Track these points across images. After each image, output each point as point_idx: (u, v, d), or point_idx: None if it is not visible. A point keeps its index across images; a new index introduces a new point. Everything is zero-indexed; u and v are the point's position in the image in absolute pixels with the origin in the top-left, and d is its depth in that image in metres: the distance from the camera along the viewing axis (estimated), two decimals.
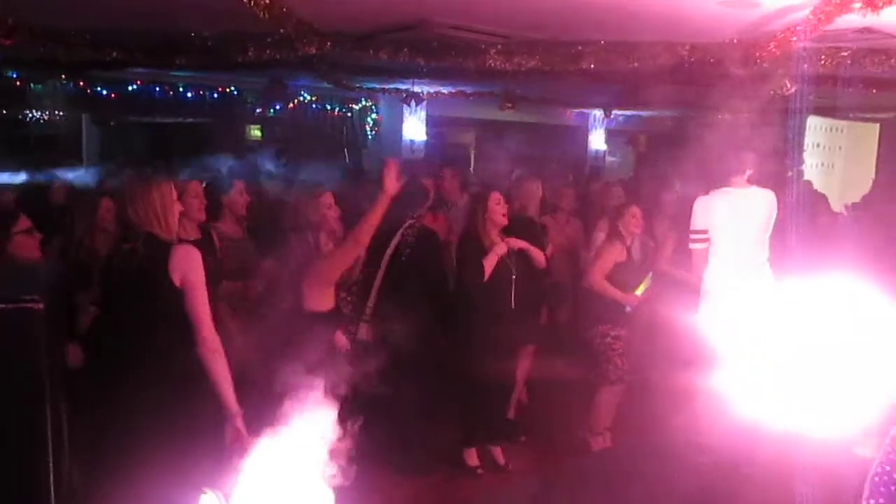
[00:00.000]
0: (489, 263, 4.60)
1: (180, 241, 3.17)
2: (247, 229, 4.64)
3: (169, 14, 5.00)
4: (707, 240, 4.82)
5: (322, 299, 3.68)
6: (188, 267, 2.97)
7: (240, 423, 2.91)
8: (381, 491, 4.18)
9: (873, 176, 8.43)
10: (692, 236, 4.88)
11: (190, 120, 10.44)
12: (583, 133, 13.72)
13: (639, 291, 4.92)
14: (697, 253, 4.84)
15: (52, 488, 2.16)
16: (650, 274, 5.08)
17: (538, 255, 4.88)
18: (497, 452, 4.83)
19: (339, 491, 2.37)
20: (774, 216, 4.89)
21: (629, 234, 5.03)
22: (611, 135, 14.10)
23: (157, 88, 9.18)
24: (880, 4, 3.47)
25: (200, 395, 2.92)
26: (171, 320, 2.97)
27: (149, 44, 5.71)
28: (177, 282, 2.97)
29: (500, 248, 4.65)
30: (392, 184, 3.52)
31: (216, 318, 3.08)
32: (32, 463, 2.15)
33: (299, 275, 3.68)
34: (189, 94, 9.47)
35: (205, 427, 2.93)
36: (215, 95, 9.76)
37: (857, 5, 3.53)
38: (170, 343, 2.97)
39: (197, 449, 2.81)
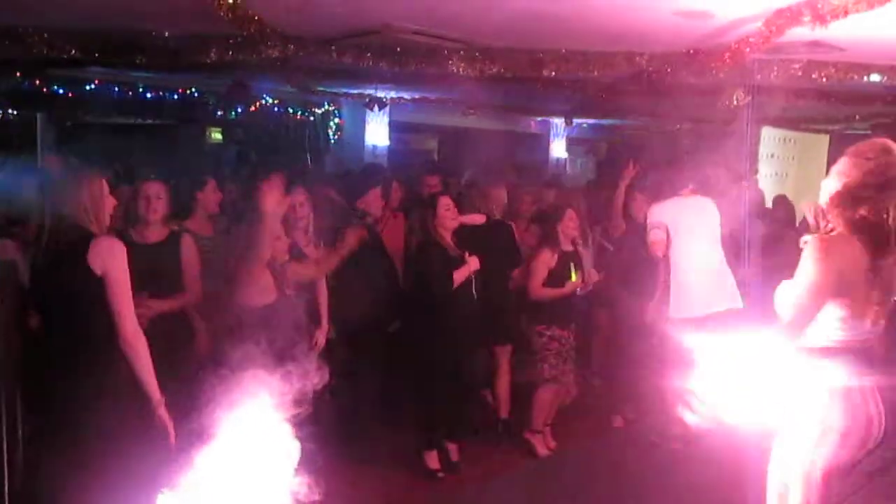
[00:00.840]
0: (460, 276, 4.62)
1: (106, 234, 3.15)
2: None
3: (129, 12, 4.95)
4: (665, 229, 4.94)
5: (257, 291, 3.71)
6: (109, 258, 2.97)
7: (163, 411, 2.94)
8: (339, 494, 4.17)
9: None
10: (651, 230, 5.00)
11: (150, 121, 10.31)
12: (544, 141, 13.87)
13: (573, 278, 5.03)
14: (656, 244, 4.96)
15: (5, 483, 2.13)
16: (582, 263, 5.18)
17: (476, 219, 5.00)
18: (452, 449, 4.84)
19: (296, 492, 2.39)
20: (719, 224, 5.05)
21: (566, 237, 5.09)
22: (572, 143, 14.28)
23: (116, 88, 9.04)
24: (828, 18, 3.60)
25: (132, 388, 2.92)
26: (95, 312, 2.98)
27: (108, 42, 5.64)
28: (97, 272, 2.96)
29: (473, 265, 4.68)
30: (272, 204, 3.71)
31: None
32: None
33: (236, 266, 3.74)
34: (149, 95, 9.34)
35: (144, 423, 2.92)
36: (176, 97, 9.64)
37: (807, 18, 3.66)
38: (97, 335, 2.98)
39: (140, 445, 2.80)
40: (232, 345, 2.90)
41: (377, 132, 10.92)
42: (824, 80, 5.57)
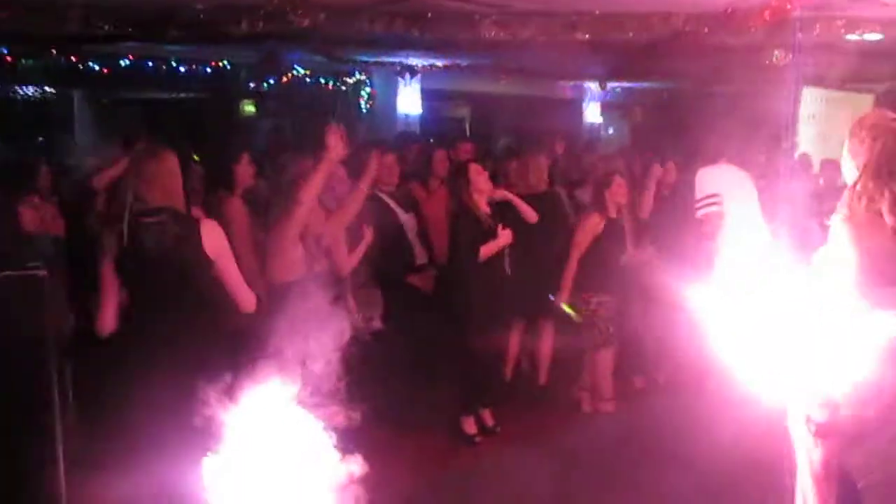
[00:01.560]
0: (488, 250, 4.61)
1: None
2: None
3: None
4: (720, 202, 4.86)
5: (287, 266, 3.71)
6: (219, 240, 3.07)
7: None
8: (380, 452, 4.23)
9: None
10: (704, 202, 4.90)
11: (183, 95, 10.39)
12: (578, 106, 13.68)
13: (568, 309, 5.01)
14: (712, 216, 4.88)
15: (59, 448, 2.21)
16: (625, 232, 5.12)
17: (528, 213, 4.92)
18: (486, 415, 4.88)
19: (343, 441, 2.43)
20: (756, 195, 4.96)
21: (614, 203, 5.03)
22: (606, 107, 14.07)
23: (150, 63, 9.10)
24: None
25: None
26: (204, 292, 3.06)
27: (141, 17, 5.67)
28: (211, 255, 3.04)
29: (504, 239, 4.66)
30: (336, 147, 3.63)
31: None
32: (40, 423, 2.20)
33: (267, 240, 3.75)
34: (182, 69, 9.39)
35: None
36: (208, 70, 9.68)
37: None
38: (200, 314, 3.05)
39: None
40: (260, 320, 2.93)
41: (409, 101, 10.87)
42: (869, 37, 5.39)
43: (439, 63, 9.60)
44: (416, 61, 9.46)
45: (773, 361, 2.65)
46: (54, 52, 8.42)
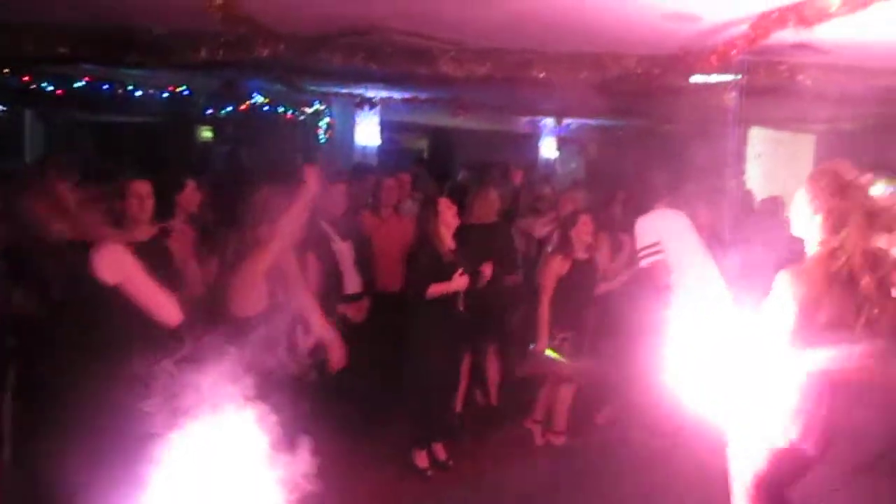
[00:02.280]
0: (437, 290, 4.59)
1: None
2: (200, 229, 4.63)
3: (119, 9, 4.95)
4: (661, 250, 4.96)
5: (252, 301, 3.69)
6: (121, 264, 2.97)
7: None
8: (331, 489, 4.20)
9: None
10: (645, 251, 5.00)
11: (139, 119, 10.30)
12: (534, 140, 13.92)
13: (549, 353, 5.02)
14: (657, 265, 4.98)
15: None
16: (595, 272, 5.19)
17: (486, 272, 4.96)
18: (438, 449, 4.88)
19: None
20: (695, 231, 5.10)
21: (580, 242, 5.09)
22: (562, 143, 14.34)
23: (106, 86, 9.02)
24: (812, 22, 3.65)
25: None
26: (108, 319, 2.97)
27: (98, 39, 5.64)
28: (110, 281, 2.94)
29: (457, 284, 4.66)
30: (313, 187, 3.69)
31: None
32: None
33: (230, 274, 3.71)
34: (139, 93, 9.33)
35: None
36: (165, 95, 9.63)
37: (792, 22, 3.71)
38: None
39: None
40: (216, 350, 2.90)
41: (367, 132, 10.93)
42: (810, 81, 5.62)
43: (397, 96, 9.71)
44: (374, 93, 9.55)
45: (722, 398, 2.74)
46: (7, 71, 8.30)
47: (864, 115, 8.33)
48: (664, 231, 5.03)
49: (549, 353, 5.00)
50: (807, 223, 2.60)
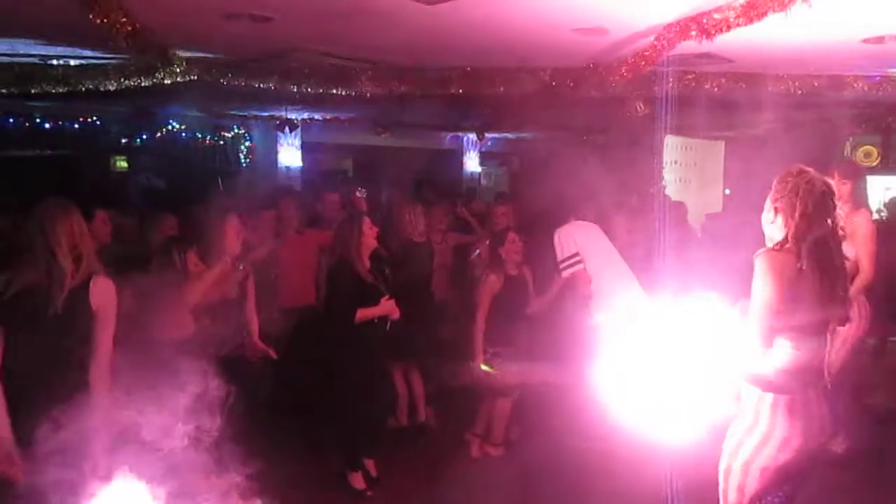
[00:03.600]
0: (364, 314, 4.54)
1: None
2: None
3: (22, 40, 4.79)
4: (582, 260, 5.06)
5: (181, 325, 3.65)
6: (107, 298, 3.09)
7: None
8: None
9: (722, 189, 9.15)
10: (566, 262, 5.08)
11: (49, 152, 9.92)
12: (458, 156, 14.04)
13: (485, 368, 5.06)
14: (578, 275, 5.07)
15: None
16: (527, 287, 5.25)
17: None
18: (370, 465, 4.82)
19: None
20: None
21: (511, 261, 5.11)
22: (485, 157, 14.51)
23: (11, 120, 8.67)
24: (713, 32, 3.81)
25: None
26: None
27: (1, 72, 5.44)
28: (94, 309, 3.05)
29: (385, 310, 4.62)
30: (233, 246, 3.89)
31: None
32: None
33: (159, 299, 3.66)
34: (47, 125, 9.01)
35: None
36: (76, 126, 9.33)
37: (694, 33, 3.86)
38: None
39: None
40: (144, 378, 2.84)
41: (290, 153, 10.84)
42: (716, 89, 5.86)
43: (319, 116, 9.66)
44: (295, 115, 9.47)
45: (654, 403, 2.81)
46: None
47: (768, 121, 8.72)
48: (581, 241, 5.13)
49: (485, 367, 5.02)
50: (772, 218, 2.77)
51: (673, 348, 2.77)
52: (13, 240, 3.93)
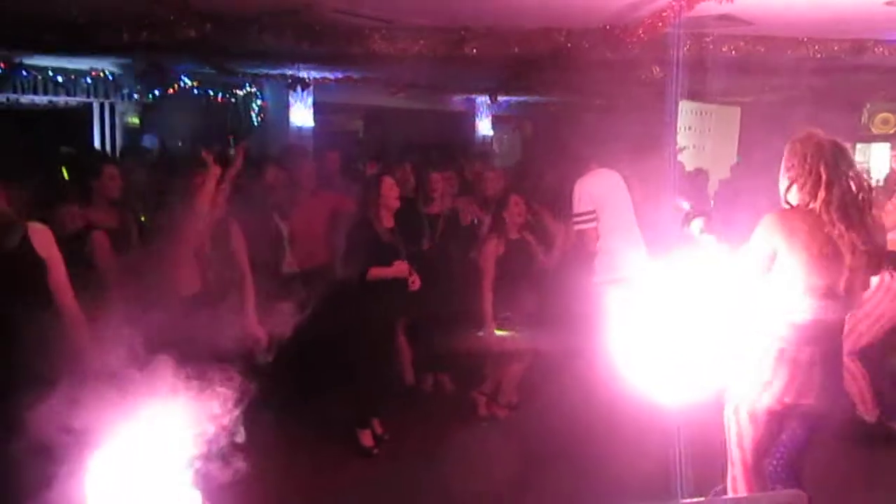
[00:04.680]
0: (378, 273, 4.56)
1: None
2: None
3: None
4: (596, 219, 5.05)
5: (185, 280, 3.70)
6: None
7: None
8: (269, 481, 4.19)
9: (736, 156, 9.06)
10: (581, 217, 5.07)
11: (62, 104, 9.91)
12: (470, 119, 13.94)
13: (498, 332, 5.07)
14: (589, 231, 5.06)
15: None
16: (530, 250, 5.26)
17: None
18: (376, 424, 4.87)
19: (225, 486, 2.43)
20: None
21: (514, 224, 5.12)
22: (497, 120, 14.39)
23: (25, 72, 8.65)
24: None
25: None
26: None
27: (15, 24, 5.41)
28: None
29: (398, 270, 4.64)
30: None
31: None
32: None
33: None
34: (60, 78, 8.98)
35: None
36: (89, 80, 9.30)
37: None
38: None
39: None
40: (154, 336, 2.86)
41: (301, 113, 10.77)
42: (734, 52, 5.78)
43: (331, 76, 9.59)
44: (307, 74, 9.40)
45: (678, 357, 2.84)
46: None
47: (786, 86, 8.61)
48: (598, 195, 5.09)
49: (498, 332, 5.06)
50: (787, 185, 2.80)
51: (676, 308, 2.80)
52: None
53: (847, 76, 7.36)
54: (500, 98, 12.77)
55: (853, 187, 2.69)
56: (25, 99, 9.00)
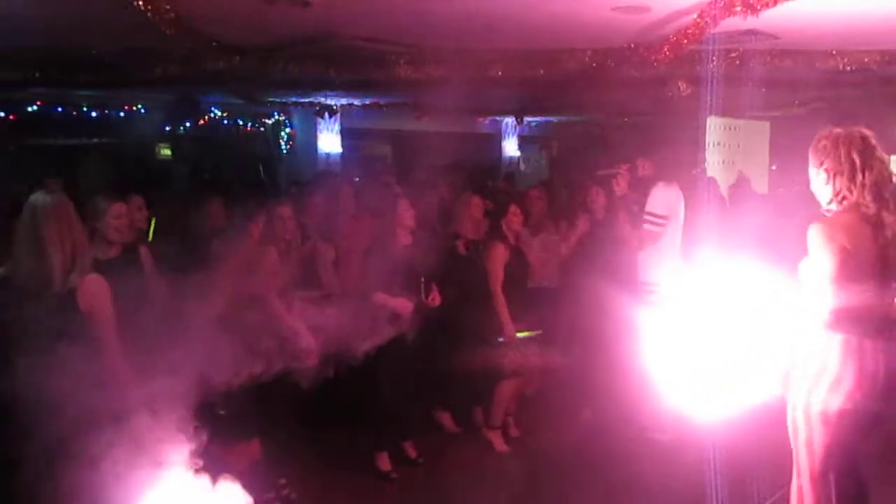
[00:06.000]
0: (381, 300, 4.55)
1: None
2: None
3: (69, 30, 4.88)
4: (664, 226, 4.98)
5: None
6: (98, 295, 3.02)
7: None
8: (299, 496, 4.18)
9: (768, 170, 8.95)
10: (653, 219, 4.97)
11: (96, 140, 10.14)
12: (496, 140, 13.98)
13: (521, 334, 5.02)
14: (652, 235, 4.98)
15: None
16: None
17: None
18: (408, 447, 4.84)
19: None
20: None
21: (512, 232, 5.11)
22: (524, 141, 14.41)
23: (60, 109, 8.88)
24: (759, 7, 3.73)
25: None
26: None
27: (49, 62, 5.56)
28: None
29: (399, 305, 4.60)
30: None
31: None
32: None
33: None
34: (94, 114, 9.20)
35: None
36: (121, 114, 9.51)
37: (738, 8, 3.78)
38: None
39: None
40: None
41: (329, 140, 10.90)
42: (762, 67, 5.73)
43: (357, 102, 9.69)
44: (334, 101, 9.52)
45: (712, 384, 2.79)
46: None
47: (817, 100, 8.50)
48: (672, 206, 5.01)
49: (521, 334, 5.00)
50: (824, 182, 2.80)
51: (711, 319, 2.75)
52: None
53: (878, 88, 7.24)
54: (526, 119, 12.81)
55: (885, 172, 2.74)
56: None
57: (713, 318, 2.88)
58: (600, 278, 5.30)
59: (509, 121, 13.32)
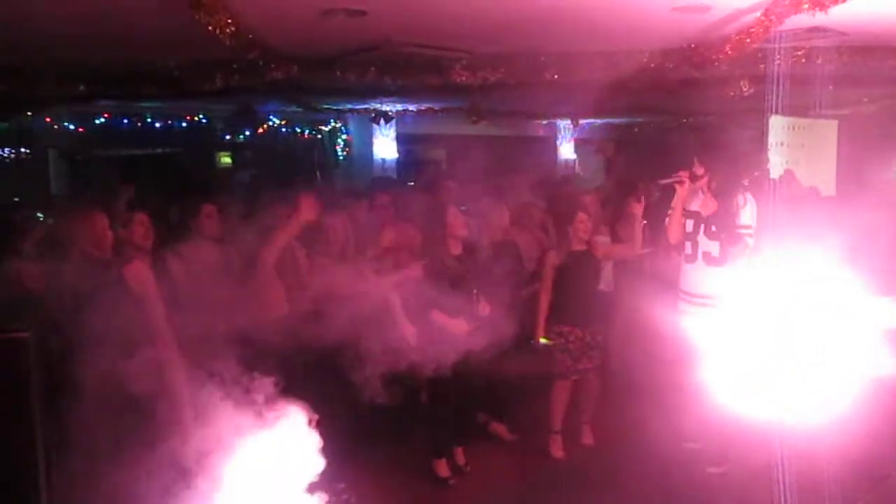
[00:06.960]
0: (438, 319, 4.53)
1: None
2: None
3: (133, 44, 5.02)
4: (752, 235, 4.81)
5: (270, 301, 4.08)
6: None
7: None
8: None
9: (835, 172, 8.63)
10: (745, 231, 4.76)
11: (159, 150, 10.42)
12: (552, 143, 13.86)
13: (543, 340, 4.98)
14: (744, 246, 4.74)
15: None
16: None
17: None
18: (458, 453, 4.83)
19: None
20: None
21: (577, 238, 5.05)
22: (580, 144, 14.26)
23: (126, 120, 9.15)
24: (828, 3, 3.59)
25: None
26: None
27: (114, 75, 5.73)
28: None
29: (454, 326, 4.57)
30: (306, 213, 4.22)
31: None
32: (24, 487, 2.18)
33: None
34: (157, 125, 9.46)
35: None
36: (184, 124, 9.75)
37: (806, 6, 3.65)
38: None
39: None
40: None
41: (385, 145, 10.97)
42: (829, 64, 5.54)
43: (413, 107, 9.73)
44: (389, 107, 9.58)
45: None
46: (29, 114, 8.45)
47: (887, 96, 8.19)
48: (754, 220, 4.88)
49: (543, 340, 4.96)
50: None
51: (790, 336, 2.67)
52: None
53: None
54: (582, 121, 12.66)
55: None
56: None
57: (776, 329, 2.79)
58: (656, 285, 5.21)
59: (565, 123, 13.20)
